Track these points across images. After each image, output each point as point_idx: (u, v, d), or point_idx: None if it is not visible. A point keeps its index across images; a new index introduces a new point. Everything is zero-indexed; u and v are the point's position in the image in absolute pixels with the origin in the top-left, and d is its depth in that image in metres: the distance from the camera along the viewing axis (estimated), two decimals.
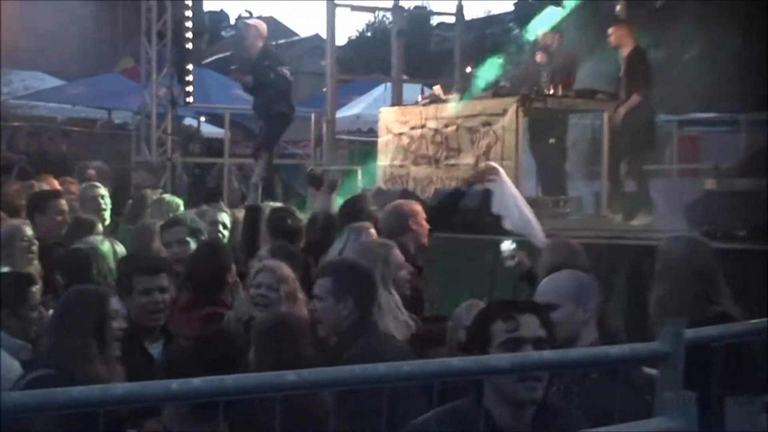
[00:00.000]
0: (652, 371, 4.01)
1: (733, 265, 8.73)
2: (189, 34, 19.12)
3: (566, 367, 3.99)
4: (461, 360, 3.64)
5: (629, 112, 12.82)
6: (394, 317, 6.14)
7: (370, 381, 3.32)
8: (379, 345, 5.56)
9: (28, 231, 8.13)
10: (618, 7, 17.29)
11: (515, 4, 58.46)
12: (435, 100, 14.59)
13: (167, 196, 10.88)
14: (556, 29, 14.28)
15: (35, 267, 7.64)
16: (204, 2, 50.35)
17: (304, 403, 4.31)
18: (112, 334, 5.30)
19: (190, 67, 19.29)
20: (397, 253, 6.76)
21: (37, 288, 6.26)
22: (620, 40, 13.18)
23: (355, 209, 8.87)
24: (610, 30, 13.58)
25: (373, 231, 7.89)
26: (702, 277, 5.94)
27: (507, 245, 8.34)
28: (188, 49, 19.21)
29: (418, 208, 8.58)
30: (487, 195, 12.01)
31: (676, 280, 6.00)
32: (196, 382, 3.15)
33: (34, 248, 8.01)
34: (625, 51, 13.03)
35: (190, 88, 19.27)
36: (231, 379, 3.17)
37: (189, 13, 19.20)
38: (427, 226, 8.47)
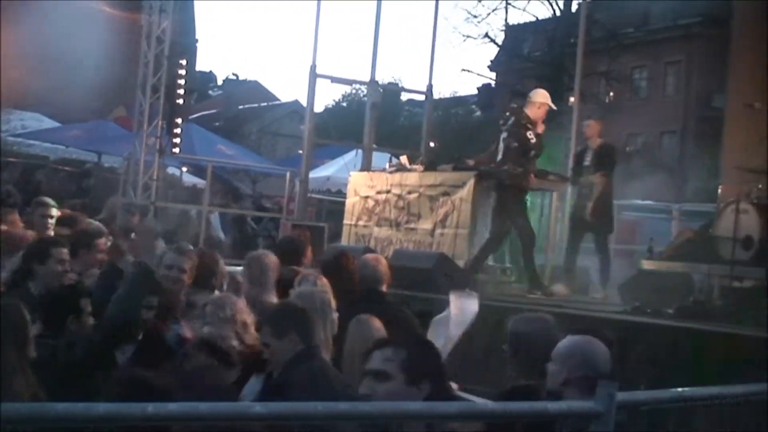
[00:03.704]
0: None
1: (660, 340, 8.83)
2: (181, 91, 19.26)
3: (509, 418, 4.01)
4: (416, 403, 3.65)
5: (599, 197, 13.01)
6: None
7: (332, 417, 3.33)
8: (323, 371, 5.60)
9: None
10: (572, 99, 17.54)
11: (478, 89, 59.07)
12: (401, 168, 14.65)
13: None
14: None
15: None
16: (196, 63, 50.51)
17: None
18: (30, 344, 5.15)
19: (179, 120, 19.39)
20: (325, 298, 6.78)
21: None
22: (594, 133, 13.42)
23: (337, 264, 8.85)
24: (588, 123, 13.79)
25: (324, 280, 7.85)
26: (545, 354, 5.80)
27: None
28: (178, 104, 19.32)
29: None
30: (442, 259, 12.09)
31: (513, 354, 5.89)
32: (172, 406, 3.16)
33: None
34: (596, 143, 13.26)
35: (177, 140, 19.36)
36: (205, 405, 3.18)
37: (182, 72, 19.34)
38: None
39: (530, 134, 12.36)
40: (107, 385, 5.00)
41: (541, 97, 12.72)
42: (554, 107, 12.79)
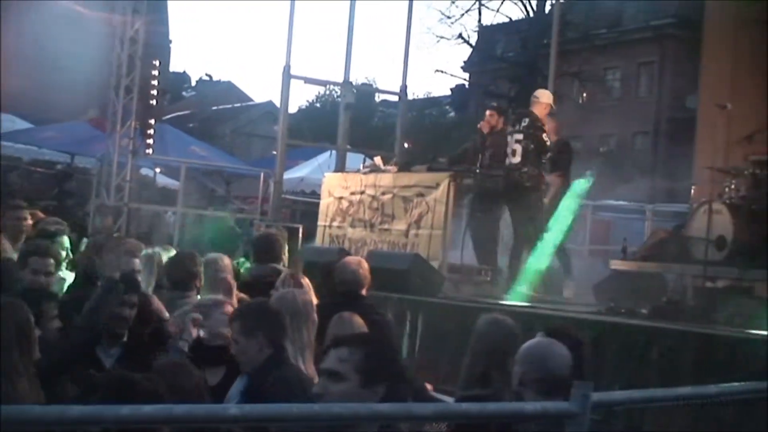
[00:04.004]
0: None
1: (634, 340, 8.86)
2: (154, 92, 19.23)
3: (485, 419, 4.00)
4: (390, 405, 3.64)
5: (554, 197, 13.01)
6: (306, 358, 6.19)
7: (308, 418, 3.32)
8: (296, 377, 5.60)
9: None
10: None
11: (452, 89, 59.18)
12: (375, 169, 14.64)
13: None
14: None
15: None
16: (169, 63, 50.35)
17: None
18: (35, 346, 5.09)
19: (152, 121, 19.36)
20: (307, 299, 6.73)
21: None
22: (550, 130, 13.37)
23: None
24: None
25: (306, 281, 7.85)
26: (489, 355, 5.85)
27: None
28: (152, 105, 19.29)
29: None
30: (416, 260, 12.10)
31: (471, 355, 5.98)
32: (147, 408, 3.15)
33: None
34: (552, 141, 13.18)
35: (150, 141, 19.32)
36: (180, 408, 3.16)
37: (156, 73, 19.31)
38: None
39: (545, 136, 12.48)
40: (93, 388, 4.98)
41: (546, 97, 12.88)
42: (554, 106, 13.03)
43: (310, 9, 64.52)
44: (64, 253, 9.70)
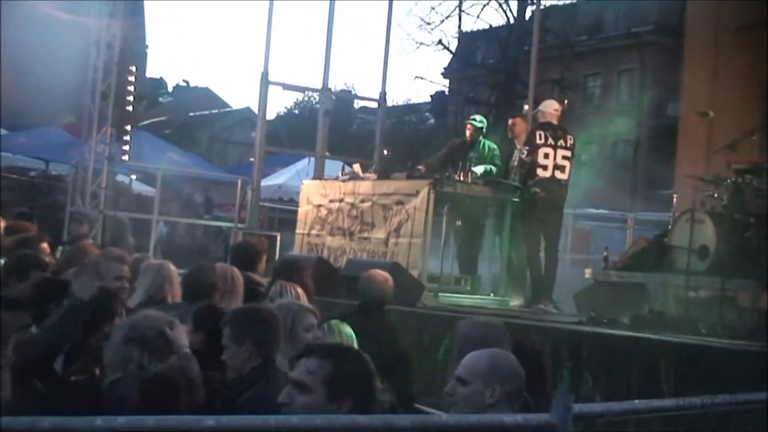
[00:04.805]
0: None
1: (615, 350, 8.86)
2: (130, 98, 19.15)
3: (464, 431, 3.98)
4: (369, 417, 3.62)
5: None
6: None
7: (286, 430, 3.30)
8: (278, 391, 5.55)
9: None
10: (525, 107, 17.57)
11: (432, 96, 59.24)
12: (354, 177, 14.61)
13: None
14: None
15: None
16: (146, 69, 50.23)
17: None
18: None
19: (128, 127, 19.28)
20: (310, 319, 6.69)
21: None
22: (521, 131, 13.41)
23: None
24: (512, 120, 13.82)
25: (299, 290, 7.83)
26: None
27: None
28: (128, 111, 19.21)
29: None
30: (396, 268, 12.07)
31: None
32: (121, 420, 3.12)
33: None
34: (521, 143, 13.23)
35: (126, 147, 19.25)
36: (152, 419, 3.13)
37: (132, 78, 19.24)
38: None
39: None
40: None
41: (549, 105, 13.06)
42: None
43: (288, 15, 64.58)
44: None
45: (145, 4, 51.71)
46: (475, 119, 14.36)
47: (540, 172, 12.73)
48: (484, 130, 14.10)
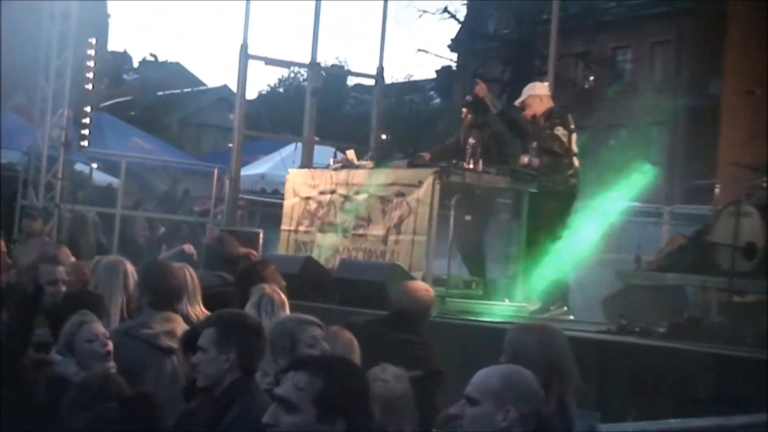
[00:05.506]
0: None
1: (648, 363, 8.88)
2: (90, 74, 19.11)
3: None
4: None
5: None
6: None
7: None
8: (260, 409, 5.58)
9: None
10: (546, 85, 17.57)
11: (437, 72, 59.21)
12: (347, 165, 14.60)
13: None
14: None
15: None
16: (108, 41, 50.23)
17: None
18: None
19: (88, 109, 19.27)
20: (313, 332, 6.69)
21: None
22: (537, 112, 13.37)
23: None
24: (529, 101, 13.76)
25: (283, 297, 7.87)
26: (547, 368, 5.81)
27: None
28: (88, 89, 19.19)
29: None
30: (395, 270, 12.08)
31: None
32: None
33: None
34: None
35: (86, 132, 19.24)
36: None
37: (92, 52, 19.20)
38: None
39: None
40: None
41: (540, 88, 13.15)
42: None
43: None
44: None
45: None
46: None
47: (575, 160, 12.77)
48: None
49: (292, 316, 6.97)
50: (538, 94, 13.06)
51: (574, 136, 12.84)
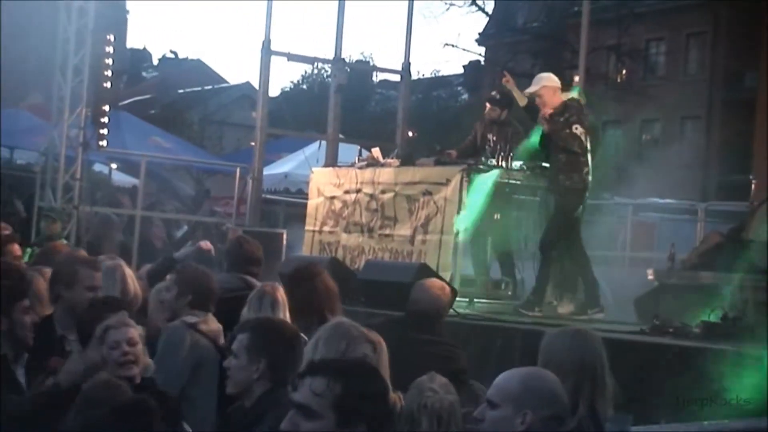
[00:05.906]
0: None
1: (683, 363, 8.87)
2: (108, 72, 19.14)
3: None
4: None
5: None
6: None
7: None
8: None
9: None
10: (576, 78, 17.57)
11: (464, 67, 59.18)
12: (373, 163, 14.63)
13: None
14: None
15: None
16: (126, 38, 50.38)
17: None
18: None
19: (106, 108, 19.31)
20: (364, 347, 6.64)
21: None
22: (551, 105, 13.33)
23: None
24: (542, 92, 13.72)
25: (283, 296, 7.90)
26: (577, 372, 5.81)
27: None
28: (106, 88, 19.22)
29: None
30: (423, 271, 12.10)
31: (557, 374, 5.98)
32: None
33: None
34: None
35: (104, 131, 19.27)
36: None
37: (110, 49, 19.22)
38: None
39: None
40: None
41: (548, 80, 13.03)
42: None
43: None
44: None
45: None
46: None
47: (589, 158, 12.76)
48: None
49: (358, 326, 6.92)
50: (551, 86, 12.98)
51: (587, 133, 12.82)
